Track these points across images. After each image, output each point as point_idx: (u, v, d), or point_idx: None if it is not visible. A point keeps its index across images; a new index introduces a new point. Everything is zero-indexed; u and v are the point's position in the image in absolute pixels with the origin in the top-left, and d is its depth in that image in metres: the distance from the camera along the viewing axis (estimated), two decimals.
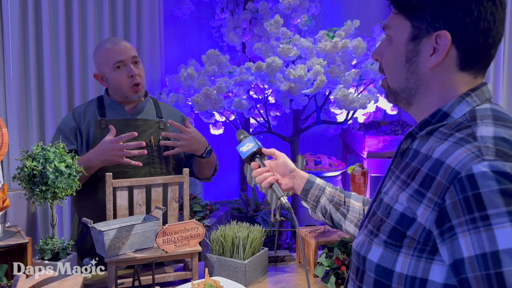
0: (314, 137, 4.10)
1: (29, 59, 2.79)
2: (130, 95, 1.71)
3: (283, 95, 2.68)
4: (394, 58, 0.84)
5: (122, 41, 1.74)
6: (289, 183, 1.21)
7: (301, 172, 1.22)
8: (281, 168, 1.22)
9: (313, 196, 1.18)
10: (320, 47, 2.61)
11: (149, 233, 1.41)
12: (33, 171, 1.26)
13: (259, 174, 1.20)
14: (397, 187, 0.80)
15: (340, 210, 1.16)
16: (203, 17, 3.71)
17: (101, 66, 1.72)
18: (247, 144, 1.21)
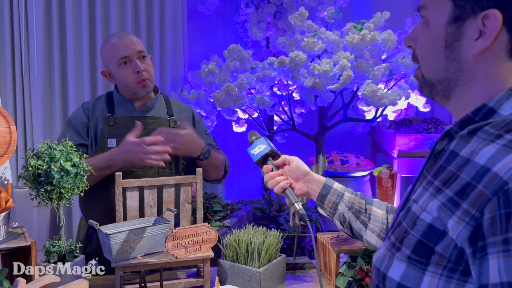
0: (341, 135, 3.96)
1: (53, 56, 2.80)
2: (138, 91, 1.64)
3: (307, 91, 2.56)
4: (431, 44, 0.71)
5: (128, 35, 1.67)
6: (303, 187, 1.10)
7: (316, 175, 1.11)
8: (294, 172, 1.12)
9: (330, 203, 1.07)
10: (347, 40, 2.47)
11: (159, 237, 1.33)
12: (37, 170, 1.21)
13: (271, 178, 1.10)
14: (429, 195, 0.68)
15: (361, 219, 1.05)
16: (228, 12, 3.63)
17: (107, 63, 1.67)
18: (258, 146, 1.12)
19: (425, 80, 0.75)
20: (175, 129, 1.60)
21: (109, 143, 1.59)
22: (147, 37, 3.02)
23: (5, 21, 2.65)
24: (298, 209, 1.07)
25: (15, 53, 2.71)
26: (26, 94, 2.80)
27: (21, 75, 2.78)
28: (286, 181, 1.10)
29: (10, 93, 2.74)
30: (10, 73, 2.74)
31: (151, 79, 1.66)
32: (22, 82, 2.79)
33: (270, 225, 3.03)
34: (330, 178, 1.11)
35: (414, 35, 0.76)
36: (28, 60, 2.77)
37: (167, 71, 3.09)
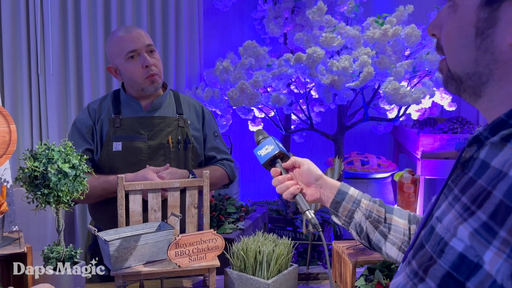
0: (362, 135, 3.82)
1: (69, 54, 2.78)
2: (146, 87, 1.56)
3: (325, 89, 2.45)
4: (459, 31, 0.60)
5: (136, 28, 1.59)
6: (315, 193, 1.00)
7: (330, 180, 1.01)
8: (305, 175, 1.01)
9: (345, 211, 0.97)
10: (367, 35, 2.35)
11: (162, 244, 1.26)
12: (34, 172, 1.14)
13: (280, 183, 1.00)
14: (456, 214, 0.57)
15: (380, 229, 0.94)
16: (245, 9, 3.54)
17: (113, 57, 1.58)
18: (265, 147, 1.02)
19: (451, 74, 0.63)
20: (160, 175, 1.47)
21: (115, 147, 1.52)
22: (163, 34, 2.97)
23: (21, 20, 2.63)
24: (310, 217, 0.97)
25: (31, 52, 2.70)
26: (42, 92, 2.78)
27: (36, 73, 2.76)
28: (297, 186, 1.00)
29: (26, 91, 2.73)
30: (26, 71, 2.72)
31: (160, 74, 1.58)
32: (37, 80, 2.78)
33: (287, 228, 2.95)
34: (345, 183, 1.01)
35: (439, 22, 0.64)
36: (43, 58, 2.75)
37: (182, 69, 3.03)
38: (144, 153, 1.53)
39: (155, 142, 1.54)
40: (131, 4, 2.84)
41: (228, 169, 1.69)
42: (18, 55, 2.68)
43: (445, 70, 0.65)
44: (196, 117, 1.67)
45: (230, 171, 1.70)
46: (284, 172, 1.02)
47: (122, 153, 1.51)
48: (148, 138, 1.54)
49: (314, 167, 1.02)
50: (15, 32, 2.64)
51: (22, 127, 2.76)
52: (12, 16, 2.62)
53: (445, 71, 0.65)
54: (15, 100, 2.72)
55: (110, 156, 1.51)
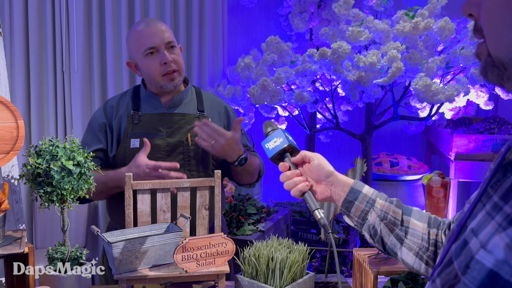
0: (393, 135, 3.66)
1: (93, 52, 2.79)
2: (165, 85, 1.49)
3: (351, 86, 2.33)
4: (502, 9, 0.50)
5: (156, 22, 1.52)
6: (325, 191, 0.91)
7: (342, 177, 0.91)
8: (315, 171, 0.92)
9: (358, 211, 0.87)
10: (397, 29, 2.22)
11: (169, 247, 1.19)
12: (36, 169, 1.10)
13: (288, 179, 0.92)
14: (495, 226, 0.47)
15: (396, 233, 0.85)
16: (271, 5, 3.46)
17: (132, 52, 1.53)
18: (274, 139, 0.94)
19: (492, 59, 0.52)
20: (221, 129, 1.42)
21: (132, 143, 1.46)
22: (186, 31, 2.93)
23: (47, 20, 2.65)
24: (319, 217, 0.89)
25: (56, 50, 2.72)
26: (67, 89, 2.80)
27: (61, 71, 2.78)
28: (306, 183, 0.91)
29: (51, 88, 2.75)
30: (52, 69, 2.74)
31: (180, 71, 1.51)
32: (62, 78, 2.79)
33: (311, 230, 2.84)
34: (359, 181, 0.91)
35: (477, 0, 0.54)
36: (68, 56, 2.77)
37: (205, 66, 2.98)
38: (162, 151, 1.47)
39: (174, 140, 1.48)
40: (155, 1, 2.82)
41: (261, 161, 1.62)
42: (44, 53, 2.71)
43: (485, 55, 0.54)
44: (217, 115, 1.60)
45: (262, 165, 1.63)
46: (293, 167, 0.94)
47: (140, 150, 1.45)
48: (167, 135, 1.48)
49: (325, 162, 0.93)
50: (41, 32, 2.66)
51: (47, 124, 2.78)
52: (39, 16, 2.64)
53: (485, 56, 0.54)
54: (41, 97, 2.74)
55: (127, 153, 1.46)
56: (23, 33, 2.61)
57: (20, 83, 2.65)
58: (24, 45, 2.63)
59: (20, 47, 2.62)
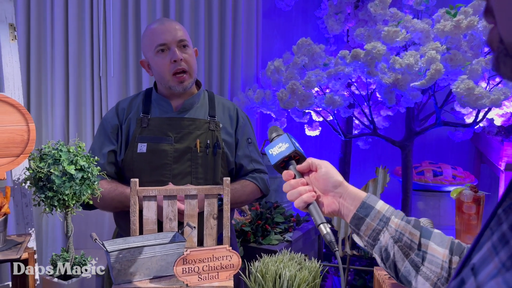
0: (438, 142, 3.44)
1: (129, 58, 2.83)
2: (174, 86, 1.44)
3: (387, 90, 2.18)
4: None
5: (170, 21, 1.48)
6: (333, 203, 0.81)
7: (353, 189, 0.81)
8: (322, 181, 0.82)
9: (368, 230, 0.76)
10: (437, 28, 2.05)
11: (172, 258, 1.13)
12: (38, 174, 1.08)
13: (291, 188, 0.83)
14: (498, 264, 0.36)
15: (411, 258, 0.73)
16: (309, 7, 3.37)
17: (145, 50, 1.49)
18: (279, 145, 0.86)
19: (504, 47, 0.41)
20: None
21: (139, 148, 1.42)
22: (220, 35, 2.91)
23: (85, 27, 2.72)
24: (324, 232, 0.79)
25: (94, 55, 2.78)
26: (103, 93, 2.85)
27: (98, 76, 2.84)
28: (312, 193, 0.81)
29: (89, 92, 2.81)
30: (89, 74, 2.81)
31: (190, 72, 1.46)
32: (99, 82, 2.85)
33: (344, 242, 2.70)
34: (372, 195, 0.80)
35: None
36: (105, 61, 2.82)
37: (238, 71, 2.94)
38: (169, 157, 1.42)
39: (182, 145, 1.43)
40: (189, 6, 2.82)
41: (260, 182, 1.51)
42: (83, 59, 2.77)
43: (496, 42, 0.42)
44: (229, 121, 1.53)
45: (262, 185, 1.52)
46: (298, 175, 0.84)
47: (146, 155, 1.41)
48: (175, 140, 1.43)
49: (333, 171, 0.83)
50: (80, 38, 2.73)
51: (85, 128, 2.84)
52: (78, 22, 2.71)
53: (496, 43, 0.42)
54: (79, 101, 2.81)
55: (134, 158, 1.42)
56: (63, 40, 2.69)
57: (60, 87, 2.72)
58: (64, 51, 2.71)
59: (60, 53, 2.70)
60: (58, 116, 2.74)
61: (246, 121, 1.58)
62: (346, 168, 3.10)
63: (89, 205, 1.39)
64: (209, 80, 2.91)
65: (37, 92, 2.75)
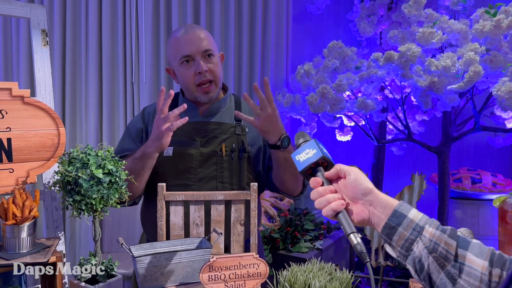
0: (477, 148, 3.29)
1: (160, 64, 2.86)
2: (198, 96, 1.43)
3: (422, 93, 2.10)
4: None
5: (196, 29, 1.45)
6: (362, 212, 0.77)
7: (383, 196, 0.76)
8: (351, 188, 0.78)
9: (401, 239, 0.72)
10: (476, 28, 1.96)
11: (198, 264, 1.11)
12: (66, 177, 1.08)
13: (319, 196, 0.79)
14: None
15: (447, 270, 0.68)
16: (340, 10, 3.32)
17: (170, 59, 1.48)
18: (306, 151, 0.82)
19: None
20: (269, 99, 1.30)
21: (165, 152, 1.41)
22: (249, 40, 2.90)
23: (118, 34, 2.78)
24: (355, 243, 0.74)
25: (127, 62, 2.83)
26: (136, 99, 2.90)
27: (131, 82, 2.88)
28: (341, 201, 0.78)
29: (121, 98, 2.86)
30: (122, 80, 2.86)
31: (216, 81, 1.44)
32: (132, 89, 2.90)
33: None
34: (405, 203, 0.75)
35: None
36: (138, 68, 2.87)
37: (268, 75, 2.91)
38: (195, 160, 1.40)
39: (207, 150, 1.41)
40: (219, 11, 2.83)
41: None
42: (116, 65, 2.83)
43: None
44: None
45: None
46: (327, 182, 0.81)
47: (172, 159, 1.40)
48: (201, 144, 1.41)
49: (363, 177, 0.79)
50: (113, 44, 2.79)
51: (118, 133, 2.89)
52: (111, 30, 2.77)
53: None
54: (112, 106, 2.86)
55: (160, 161, 1.41)
56: (97, 46, 2.75)
57: (94, 92, 2.78)
58: (97, 57, 2.77)
59: (94, 59, 2.76)
60: (92, 121, 2.80)
61: None
62: (379, 174, 3.01)
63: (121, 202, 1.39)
64: (239, 84, 2.90)
65: (72, 97, 2.82)
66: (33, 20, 1.26)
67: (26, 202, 1.07)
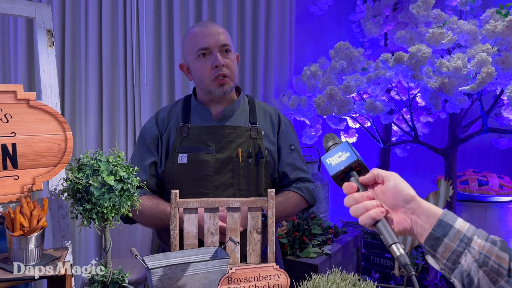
0: (480, 150, 3.27)
1: (162, 66, 2.81)
2: (214, 90, 1.37)
3: (432, 95, 2.06)
4: None
5: (213, 24, 1.41)
6: (404, 221, 0.72)
7: (427, 204, 0.71)
8: (390, 195, 0.73)
9: (447, 251, 0.67)
10: (487, 29, 1.92)
11: (215, 275, 1.06)
12: (76, 185, 1.03)
13: (356, 202, 0.74)
14: None
15: (500, 286, 0.63)
16: (343, 11, 3.28)
17: (186, 54, 1.43)
18: (339, 154, 0.77)
19: None
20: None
21: (180, 159, 1.36)
22: (252, 41, 2.85)
23: (119, 35, 2.72)
24: (397, 254, 0.69)
25: (127, 64, 2.77)
26: (137, 101, 2.84)
27: (132, 84, 2.82)
28: (381, 209, 0.72)
29: (122, 101, 2.80)
30: (123, 82, 2.80)
31: (232, 77, 1.39)
32: (133, 91, 2.84)
33: (385, 255, 2.57)
34: (450, 211, 0.70)
35: None
36: (138, 69, 2.81)
37: (271, 77, 2.87)
38: (210, 167, 1.35)
39: (223, 155, 1.36)
40: (222, 13, 2.78)
41: (305, 192, 1.42)
42: (116, 67, 2.77)
43: None
44: (271, 127, 1.46)
45: (308, 195, 1.43)
46: (362, 188, 0.76)
47: (187, 166, 1.35)
48: (216, 150, 1.36)
49: (404, 183, 0.74)
50: (113, 46, 2.73)
51: (118, 136, 2.83)
52: (111, 32, 2.71)
53: None
54: (112, 109, 2.80)
55: (175, 169, 1.36)
56: (97, 47, 2.69)
57: (94, 95, 2.72)
58: (98, 59, 2.71)
59: (94, 61, 2.70)
60: (92, 124, 2.74)
61: (288, 126, 1.50)
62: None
63: (129, 219, 1.34)
64: (242, 86, 2.85)
65: (71, 100, 2.76)
66: (38, 20, 1.21)
67: (34, 212, 1.01)
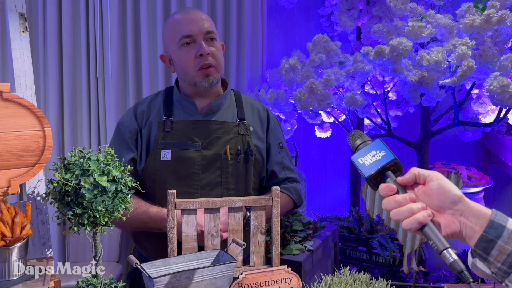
0: (445, 143, 3.36)
1: (127, 58, 2.66)
2: (199, 81, 1.28)
3: (411, 88, 2.07)
4: None
5: (196, 10, 1.31)
6: (452, 224, 0.67)
7: (475, 205, 0.67)
8: (435, 196, 0.68)
9: (502, 254, 0.63)
10: (465, 22, 1.95)
11: (221, 281, 0.98)
12: (64, 187, 0.91)
13: (398, 206, 0.68)
14: None
15: None
16: (312, 5, 3.25)
17: (167, 44, 1.33)
18: (372, 152, 0.71)
19: None
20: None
21: (163, 155, 1.26)
22: (224, 34, 2.77)
23: (81, 25, 2.54)
24: (451, 260, 0.63)
25: (90, 55, 2.60)
26: (101, 96, 2.67)
27: (95, 77, 2.66)
28: (427, 212, 0.66)
29: (85, 95, 2.63)
30: (85, 75, 2.62)
31: (218, 67, 1.30)
32: (96, 84, 2.67)
33: (359, 248, 2.59)
34: (499, 212, 0.66)
35: None
36: (102, 62, 2.64)
37: (244, 70, 2.80)
38: (197, 165, 1.26)
39: (210, 152, 1.28)
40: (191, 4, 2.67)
41: (293, 193, 1.37)
42: (78, 59, 2.59)
43: None
44: (260, 124, 1.38)
45: (296, 196, 1.38)
46: (402, 190, 0.70)
47: (171, 164, 1.25)
48: (203, 146, 1.27)
49: (449, 183, 0.68)
50: (75, 37, 2.55)
51: (81, 133, 2.66)
52: (72, 21, 2.53)
53: None
54: (74, 104, 2.63)
55: (157, 167, 1.26)
56: (56, 39, 2.51)
57: (53, 89, 2.54)
58: (57, 50, 2.53)
59: (54, 53, 2.51)
60: (52, 120, 2.55)
61: (276, 123, 1.44)
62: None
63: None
64: None
65: None
66: (9, 2, 1.07)
67: (16, 219, 0.89)
